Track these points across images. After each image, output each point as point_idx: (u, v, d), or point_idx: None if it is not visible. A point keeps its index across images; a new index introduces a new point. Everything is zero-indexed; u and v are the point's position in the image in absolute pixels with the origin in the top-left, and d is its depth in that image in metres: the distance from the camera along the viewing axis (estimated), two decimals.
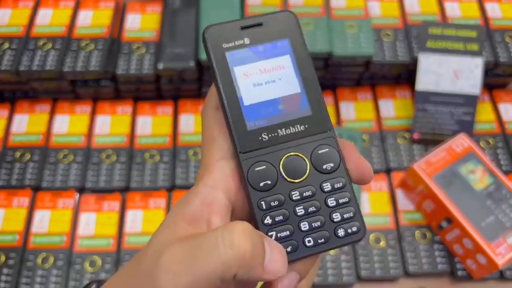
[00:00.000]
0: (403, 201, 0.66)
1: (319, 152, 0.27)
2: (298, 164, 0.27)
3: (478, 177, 0.62)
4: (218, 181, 0.27)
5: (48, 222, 0.62)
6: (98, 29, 0.70)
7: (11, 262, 0.59)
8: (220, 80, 0.27)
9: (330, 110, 0.73)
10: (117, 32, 0.72)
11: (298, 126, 0.28)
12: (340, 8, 0.73)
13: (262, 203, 0.26)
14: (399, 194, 0.66)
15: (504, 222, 0.59)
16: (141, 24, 0.72)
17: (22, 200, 0.63)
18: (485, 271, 0.59)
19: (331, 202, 0.27)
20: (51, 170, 0.66)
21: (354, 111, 0.72)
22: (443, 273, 0.62)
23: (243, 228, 0.24)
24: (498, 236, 0.58)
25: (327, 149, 0.28)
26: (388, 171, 0.68)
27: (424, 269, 0.61)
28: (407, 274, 0.61)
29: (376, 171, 0.68)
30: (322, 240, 0.27)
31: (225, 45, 0.28)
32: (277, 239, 0.26)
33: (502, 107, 0.73)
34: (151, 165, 0.67)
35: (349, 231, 0.27)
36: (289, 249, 0.26)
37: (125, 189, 0.65)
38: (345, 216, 0.27)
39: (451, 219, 0.60)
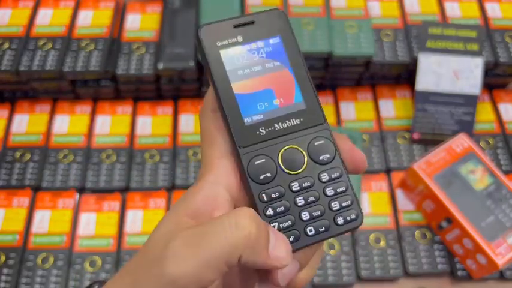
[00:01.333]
0: (403, 201, 0.66)
1: (315, 143, 0.28)
2: (296, 156, 0.28)
3: (478, 177, 0.62)
4: (220, 178, 0.27)
5: (48, 222, 0.62)
6: (98, 29, 0.70)
7: (11, 262, 0.59)
8: (215, 78, 0.28)
9: (330, 110, 0.73)
10: (117, 32, 0.72)
11: (294, 119, 0.28)
12: (340, 8, 0.73)
13: (264, 195, 0.27)
14: (399, 194, 0.66)
15: (504, 222, 0.59)
16: (141, 24, 0.72)
17: (22, 200, 0.63)
18: (485, 271, 0.59)
19: (330, 191, 0.28)
20: (51, 170, 0.66)
21: (354, 111, 0.72)
22: (443, 273, 0.62)
23: (248, 211, 0.25)
24: (498, 236, 0.58)
25: (322, 141, 0.28)
26: (388, 171, 0.68)
27: (424, 269, 0.61)
28: (407, 274, 0.61)
29: (376, 171, 0.68)
30: (323, 228, 0.27)
31: (219, 44, 0.28)
32: (279, 229, 0.27)
33: (502, 107, 0.73)
34: (151, 165, 0.67)
35: (348, 218, 0.28)
36: (291, 238, 0.27)
37: (125, 189, 0.65)
38: (343, 204, 0.28)
39: (451, 219, 0.60)
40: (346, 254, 0.62)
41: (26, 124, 0.69)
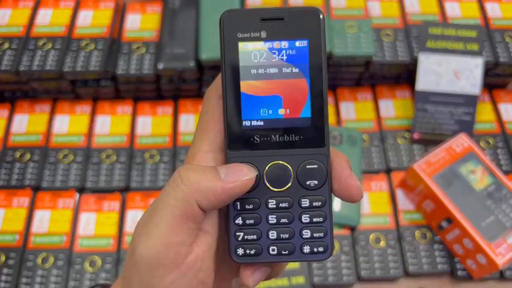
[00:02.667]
0: (403, 201, 0.66)
1: (307, 166, 0.27)
2: (283, 174, 0.27)
3: (478, 177, 0.62)
4: None
5: (48, 222, 0.62)
6: (98, 29, 0.70)
7: (11, 262, 0.59)
8: (226, 70, 0.26)
9: (330, 110, 0.73)
10: (117, 32, 0.72)
11: (293, 135, 0.27)
12: (340, 8, 0.73)
13: (238, 203, 0.27)
14: (399, 194, 0.66)
15: (504, 222, 0.59)
16: (141, 24, 0.72)
17: (22, 200, 0.63)
18: (485, 271, 0.59)
19: (305, 219, 0.27)
20: (51, 170, 0.66)
21: (354, 111, 0.72)
22: (443, 273, 0.62)
23: (183, 167, 0.25)
24: (498, 236, 0.58)
25: (316, 166, 0.27)
26: (388, 171, 0.68)
27: (424, 269, 0.61)
28: (407, 274, 0.61)
29: (376, 171, 0.68)
30: (286, 251, 0.27)
31: (239, 35, 0.26)
32: (243, 239, 0.27)
33: (502, 107, 0.73)
34: (151, 165, 0.67)
35: (315, 250, 0.27)
36: (252, 251, 0.27)
37: (125, 189, 0.65)
38: (315, 235, 0.27)
39: (451, 219, 0.60)
40: (346, 254, 0.62)
41: (26, 124, 0.69)
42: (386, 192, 0.66)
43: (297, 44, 0.26)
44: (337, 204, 0.63)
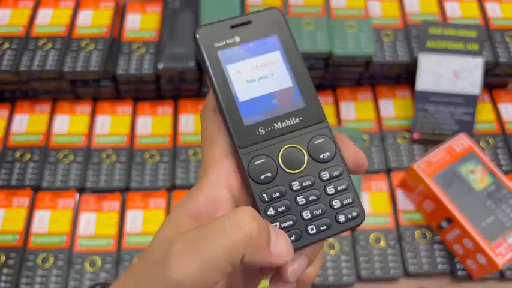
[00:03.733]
0: (403, 201, 0.66)
1: (315, 142, 0.28)
2: (296, 155, 0.28)
3: (478, 177, 0.62)
4: (221, 178, 0.27)
5: (48, 222, 0.62)
6: (98, 29, 0.70)
7: (11, 262, 0.59)
8: (214, 79, 0.28)
9: (330, 110, 0.73)
10: (117, 32, 0.72)
11: (293, 118, 0.28)
12: (340, 8, 0.73)
13: (264, 195, 0.27)
14: (399, 194, 0.66)
15: (504, 222, 0.59)
16: (141, 24, 0.72)
17: (22, 200, 0.63)
18: (485, 271, 0.59)
19: (330, 190, 0.28)
20: (51, 170, 0.66)
21: (354, 111, 0.72)
22: (443, 273, 0.62)
23: (248, 210, 0.25)
24: (498, 236, 0.58)
25: (323, 139, 0.28)
26: (388, 171, 0.68)
27: (424, 269, 0.61)
28: (407, 274, 0.61)
29: (376, 171, 0.68)
30: (324, 227, 0.27)
31: (216, 45, 0.28)
32: (280, 228, 0.27)
33: (502, 107, 0.73)
34: (151, 165, 0.67)
35: (349, 216, 0.28)
36: (293, 237, 0.27)
37: (125, 189, 0.65)
38: (344, 202, 0.28)
39: (451, 219, 0.60)
40: (346, 254, 0.62)
41: (26, 124, 0.69)
42: (387, 192, 0.66)
43: (269, 40, 0.29)
44: None
